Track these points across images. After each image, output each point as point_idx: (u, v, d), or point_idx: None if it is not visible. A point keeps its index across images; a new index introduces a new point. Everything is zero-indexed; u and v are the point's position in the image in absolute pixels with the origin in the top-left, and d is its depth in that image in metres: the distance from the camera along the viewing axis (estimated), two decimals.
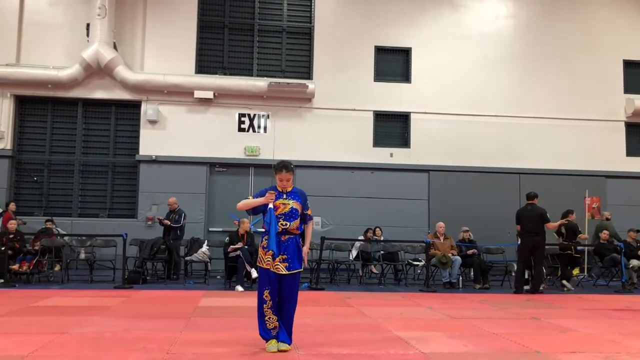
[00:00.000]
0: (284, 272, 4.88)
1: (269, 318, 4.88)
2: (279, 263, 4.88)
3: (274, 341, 4.87)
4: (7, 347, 4.83)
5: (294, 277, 4.98)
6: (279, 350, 4.81)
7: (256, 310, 4.96)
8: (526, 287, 10.32)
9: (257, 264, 5.08)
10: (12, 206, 12.59)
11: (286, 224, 4.93)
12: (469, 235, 12.13)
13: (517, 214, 10.78)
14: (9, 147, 13.68)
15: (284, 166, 5.02)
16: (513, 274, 11.21)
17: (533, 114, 15.01)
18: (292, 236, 4.99)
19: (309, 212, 5.18)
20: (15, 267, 10.26)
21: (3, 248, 10.22)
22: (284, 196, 5.01)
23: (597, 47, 15.47)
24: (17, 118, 14.02)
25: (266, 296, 4.87)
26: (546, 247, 10.85)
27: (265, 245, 4.94)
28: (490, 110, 14.92)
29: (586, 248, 12.64)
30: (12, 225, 10.81)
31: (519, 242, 10.76)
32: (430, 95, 14.81)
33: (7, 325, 5.99)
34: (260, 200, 4.96)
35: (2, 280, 9.90)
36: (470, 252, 11.64)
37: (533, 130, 14.99)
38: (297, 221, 5.02)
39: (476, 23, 15.27)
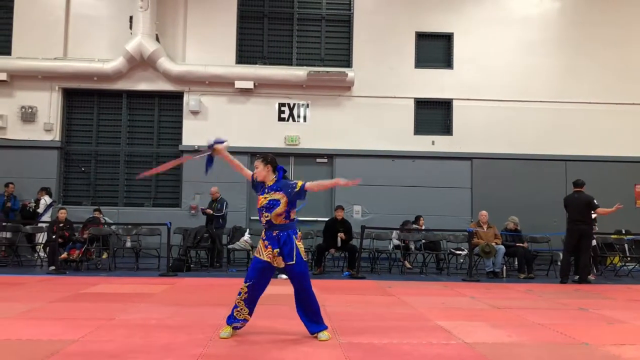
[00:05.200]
0: (282, 265, 4.88)
1: (241, 309, 4.93)
2: (276, 256, 4.88)
3: (229, 328, 4.94)
4: (59, 332, 5.00)
5: (297, 269, 4.89)
6: (320, 340, 4.82)
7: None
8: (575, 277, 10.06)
9: (255, 254, 5.05)
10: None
11: (267, 215, 4.90)
12: (515, 225, 11.81)
13: (564, 201, 10.52)
14: (57, 138, 14.12)
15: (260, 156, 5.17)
16: (559, 263, 10.95)
17: (580, 99, 14.52)
18: (283, 231, 4.90)
19: (298, 187, 4.94)
20: (65, 255, 10.59)
21: (54, 236, 10.59)
22: (266, 190, 5.01)
23: None
24: (65, 110, 14.43)
25: (243, 288, 4.89)
26: (595, 236, 10.56)
27: (264, 237, 4.95)
28: (535, 95, 14.53)
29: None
30: (62, 214, 11.15)
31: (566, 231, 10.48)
32: (472, 81, 14.51)
33: (58, 311, 6.20)
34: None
35: (53, 268, 10.26)
36: (519, 244, 11.31)
37: (580, 115, 14.52)
38: (278, 209, 4.87)
39: (520, 6, 14.85)
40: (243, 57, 14.60)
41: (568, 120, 14.49)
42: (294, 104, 14.45)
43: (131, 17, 13.93)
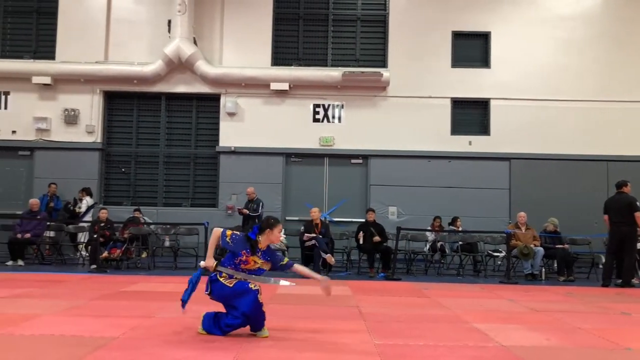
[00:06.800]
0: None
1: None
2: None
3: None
4: (100, 329, 5.13)
5: None
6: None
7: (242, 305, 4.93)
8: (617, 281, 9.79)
9: (223, 282, 5.14)
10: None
11: (245, 271, 5.07)
12: (554, 227, 11.57)
13: (604, 203, 10.26)
14: (99, 140, 14.49)
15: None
16: (600, 266, 10.67)
17: (621, 97, 14.13)
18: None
19: (285, 262, 5.14)
20: (105, 254, 10.86)
21: (95, 236, 10.87)
22: (258, 254, 5.03)
23: None
24: (106, 113, 14.80)
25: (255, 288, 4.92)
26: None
27: (227, 275, 5.12)
28: (574, 94, 14.20)
29: None
30: (103, 214, 11.44)
31: (608, 233, 10.22)
32: (511, 80, 14.27)
33: (99, 309, 6.36)
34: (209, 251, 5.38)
35: (94, 266, 10.54)
36: (559, 246, 11.10)
37: (622, 114, 14.12)
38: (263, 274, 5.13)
39: (559, 3, 14.54)
40: (278, 58, 14.72)
41: (609, 119, 14.12)
42: (329, 105, 14.48)
43: (169, 21, 14.20)
